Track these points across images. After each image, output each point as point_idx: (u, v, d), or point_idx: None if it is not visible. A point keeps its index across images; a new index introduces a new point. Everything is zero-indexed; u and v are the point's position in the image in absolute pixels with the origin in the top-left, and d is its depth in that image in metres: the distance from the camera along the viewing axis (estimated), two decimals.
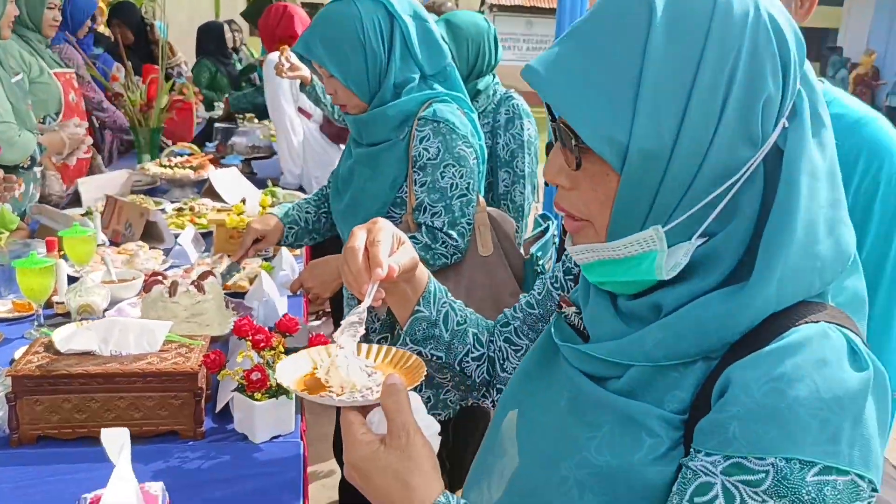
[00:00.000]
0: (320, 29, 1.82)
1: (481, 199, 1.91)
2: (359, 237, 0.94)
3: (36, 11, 3.24)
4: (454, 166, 1.81)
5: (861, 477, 0.66)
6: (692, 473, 0.70)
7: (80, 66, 3.96)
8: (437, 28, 1.90)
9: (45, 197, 2.96)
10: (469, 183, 1.84)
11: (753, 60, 0.71)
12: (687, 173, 0.71)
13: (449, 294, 1.10)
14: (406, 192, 1.86)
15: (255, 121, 5.09)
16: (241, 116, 4.61)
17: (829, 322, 0.71)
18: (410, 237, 1.82)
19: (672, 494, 0.71)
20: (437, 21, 2.73)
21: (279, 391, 1.50)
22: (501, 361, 1.11)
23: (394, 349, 0.92)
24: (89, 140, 3.25)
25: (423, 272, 1.05)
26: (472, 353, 1.10)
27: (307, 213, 2.13)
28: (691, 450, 0.71)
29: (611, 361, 0.80)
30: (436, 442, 0.83)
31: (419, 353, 1.07)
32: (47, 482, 1.34)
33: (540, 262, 1.98)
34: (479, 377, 1.11)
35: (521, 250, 2.76)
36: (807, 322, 0.70)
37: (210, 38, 5.94)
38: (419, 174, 1.83)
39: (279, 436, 1.52)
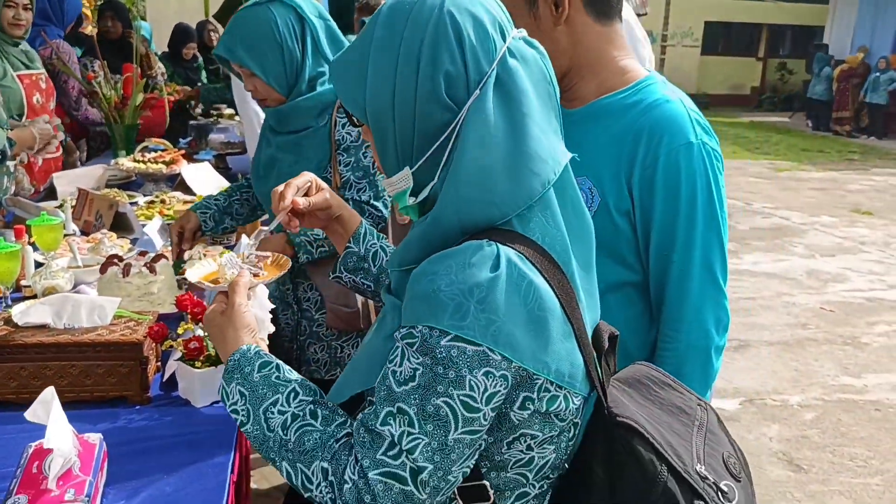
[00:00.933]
0: (239, 33, 1.99)
1: None
2: (286, 183, 1.29)
3: None
4: (370, 147, 2.00)
5: (492, 350, 0.91)
6: (393, 343, 0.97)
7: (75, 63, 4.12)
8: (336, 27, 2.10)
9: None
10: None
11: (433, 45, 0.96)
12: (408, 128, 0.99)
13: (383, 239, 1.38)
14: (331, 173, 2.04)
15: (236, 118, 5.24)
16: (215, 112, 4.76)
17: (495, 240, 0.94)
18: None
19: None
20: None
21: (218, 360, 1.65)
22: None
23: (283, 257, 1.34)
24: (60, 136, 3.38)
25: (354, 219, 1.38)
26: None
27: (216, 199, 2.32)
28: None
29: (386, 269, 1.11)
30: (266, 318, 1.29)
31: (353, 282, 1.40)
32: (4, 438, 1.49)
33: None
34: None
35: None
36: (476, 239, 0.94)
37: (174, 40, 6.14)
38: (343, 156, 2.03)
39: (219, 401, 1.67)
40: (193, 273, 1.27)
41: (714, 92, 21.96)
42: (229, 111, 5.42)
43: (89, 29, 5.72)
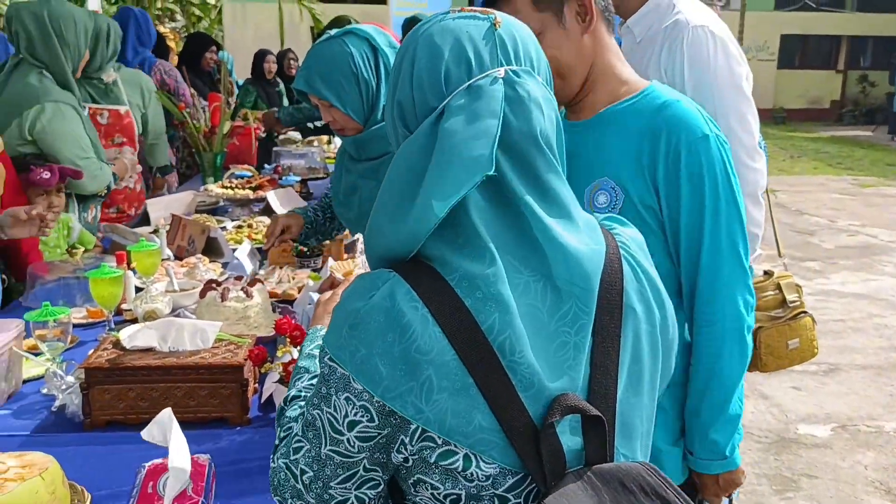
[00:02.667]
0: (317, 66, 2.05)
1: None
2: None
3: None
4: None
5: (354, 379, 0.90)
6: None
7: (181, 82, 4.34)
8: None
9: None
10: None
11: (397, 73, 1.01)
12: (394, 147, 1.03)
13: None
14: None
15: (314, 144, 5.36)
16: (296, 141, 4.88)
17: (399, 272, 0.92)
18: None
19: None
20: None
21: None
22: None
23: None
24: (139, 168, 3.53)
25: None
26: None
27: (317, 216, 2.45)
28: None
29: None
30: None
31: None
32: (114, 458, 1.55)
33: None
34: None
35: None
36: (390, 268, 0.94)
37: (255, 65, 6.44)
38: None
39: None
40: (335, 266, 1.58)
41: (791, 106, 21.36)
42: (295, 135, 5.55)
43: (175, 60, 5.97)
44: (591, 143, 1.50)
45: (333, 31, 2.10)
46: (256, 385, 1.82)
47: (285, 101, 6.75)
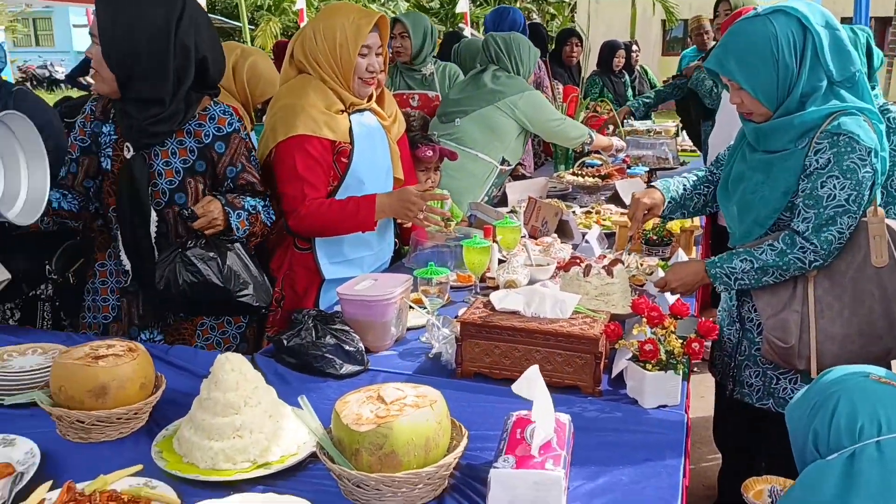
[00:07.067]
0: (734, 45, 1.94)
1: (880, 210, 1.89)
2: None
3: None
4: (838, 178, 1.85)
5: None
6: None
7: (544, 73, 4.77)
8: (846, 35, 1.92)
9: None
10: (850, 195, 1.86)
11: (816, 413, 1.26)
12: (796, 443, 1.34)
13: None
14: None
15: (663, 135, 5.31)
16: (647, 131, 4.87)
17: None
18: (768, 245, 1.94)
19: None
20: None
21: (668, 365, 1.70)
22: None
23: None
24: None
25: None
26: None
27: (684, 188, 2.29)
28: None
29: None
30: None
31: None
32: (481, 404, 1.72)
33: None
34: None
35: None
36: None
37: (602, 56, 6.55)
38: (804, 181, 1.90)
39: (666, 405, 1.72)
40: None
41: None
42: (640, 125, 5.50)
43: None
44: None
45: (761, 8, 1.95)
46: (606, 360, 1.89)
47: (630, 94, 6.77)
